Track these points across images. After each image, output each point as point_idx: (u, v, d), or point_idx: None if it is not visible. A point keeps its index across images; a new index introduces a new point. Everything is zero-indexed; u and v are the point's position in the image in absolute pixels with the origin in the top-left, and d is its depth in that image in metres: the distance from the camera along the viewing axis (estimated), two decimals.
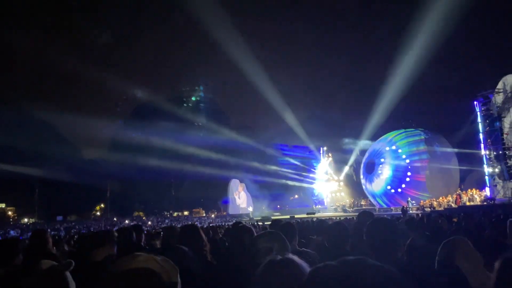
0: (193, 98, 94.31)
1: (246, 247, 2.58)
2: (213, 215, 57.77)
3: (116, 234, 3.71)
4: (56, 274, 1.79)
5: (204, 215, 60.25)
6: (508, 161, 28.64)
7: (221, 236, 8.46)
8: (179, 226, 4.93)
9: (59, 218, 56.64)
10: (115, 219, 52.70)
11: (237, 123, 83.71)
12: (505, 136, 29.12)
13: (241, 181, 58.52)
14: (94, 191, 60.77)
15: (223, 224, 24.01)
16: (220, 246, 5.72)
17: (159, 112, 76.98)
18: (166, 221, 47.67)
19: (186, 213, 67.21)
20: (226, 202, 58.77)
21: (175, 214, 66.77)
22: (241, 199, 57.68)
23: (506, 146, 28.88)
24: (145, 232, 11.18)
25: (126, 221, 44.72)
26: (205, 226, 16.34)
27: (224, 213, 58.74)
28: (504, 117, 29.37)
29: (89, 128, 77.03)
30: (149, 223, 45.17)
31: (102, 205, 70.67)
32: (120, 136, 79.84)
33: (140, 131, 75.54)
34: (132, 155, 66.73)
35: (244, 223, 4.98)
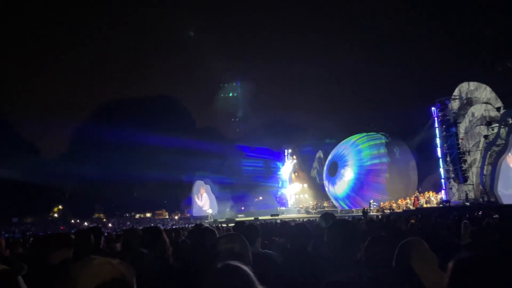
0: None
1: (207, 249, 2.56)
2: (176, 217, 57.04)
3: (73, 236, 3.58)
4: (8, 278, 1.72)
5: (167, 217, 59.38)
6: (462, 165, 29.92)
7: (184, 238, 8.37)
8: (141, 228, 4.83)
9: (15, 220, 54.31)
10: (73, 221, 51.04)
11: (202, 124, 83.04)
12: (460, 141, 30.43)
13: (205, 183, 58.11)
14: (52, 191, 58.60)
15: (186, 226, 23.74)
16: (182, 249, 5.65)
17: (123, 111, 75.25)
18: (128, 223, 46.71)
19: (148, 215, 65.95)
20: (189, 203, 58.26)
21: (137, 216, 65.41)
22: (203, 201, 57.27)
23: (461, 150, 30.18)
24: (106, 234, 10.89)
25: (86, 223, 43.44)
26: (168, 228, 16.10)
27: (188, 215, 58.14)
28: (460, 122, 30.69)
29: (48, 126, 74.19)
30: (110, 225, 44.12)
31: (60, 207, 68.29)
32: (81, 134, 77.34)
33: (102, 130, 73.44)
34: (94, 155, 64.86)
35: (208, 225, 4.95)
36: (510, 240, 5.10)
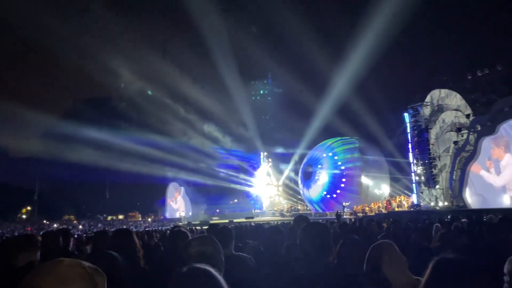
0: None
1: (179, 252, 2.52)
2: (149, 219, 56.25)
3: (40, 238, 3.47)
4: None
5: (140, 219, 58.47)
6: (433, 170, 30.71)
7: (156, 241, 8.26)
8: (112, 230, 4.73)
9: None
10: (44, 222, 49.62)
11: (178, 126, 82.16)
12: (431, 146, 31.24)
13: (179, 185, 57.60)
14: (21, 192, 56.82)
15: (159, 228, 23.46)
16: (154, 251, 5.57)
17: (96, 110, 73.65)
18: (99, 225, 45.78)
19: (121, 217, 64.76)
20: (163, 203, 57.63)
21: (109, 218, 64.12)
22: (178, 203, 56.78)
23: (432, 156, 30.98)
24: (76, 236, 10.62)
25: (55, 225, 42.32)
26: (140, 231, 15.85)
27: (162, 217, 57.46)
28: (431, 128, 31.50)
29: (16, 125, 71.86)
30: (80, 227, 43.14)
31: (29, 208, 66.28)
32: (52, 134, 75.27)
33: (74, 129, 71.63)
34: (65, 155, 63.22)
35: (181, 228, 4.89)
36: (478, 244, 5.25)
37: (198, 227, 18.84)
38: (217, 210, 55.98)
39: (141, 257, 3.28)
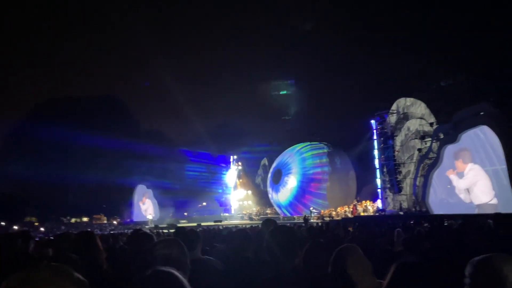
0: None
1: (144, 255, 2.48)
2: (115, 222, 54.95)
3: None
4: None
5: (105, 221, 57.01)
6: (397, 176, 31.53)
7: (122, 244, 8.09)
8: (74, 233, 4.60)
9: None
10: (1, 223, 47.57)
11: (147, 127, 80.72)
12: (396, 153, 32.07)
13: (147, 187, 56.64)
14: None
15: (125, 231, 22.96)
16: (118, 254, 5.44)
17: (59, 110, 71.35)
18: (62, 227, 44.43)
19: (85, 219, 62.86)
20: (129, 206, 56.49)
21: (73, 220, 62.13)
22: (146, 206, 55.80)
23: (397, 162, 31.81)
24: (37, 239, 10.26)
25: (15, 227, 40.70)
26: (105, 234, 15.47)
27: (128, 220, 56.23)
28: (396, 136, 32.35)
29: None
30: (42, 229, 41.73)
31: None
32: (13, 133, 72.46)
33: (37, 129, 69.21)
34: (27, 155, 60.98)
35: (147, 230, 4.80)
36: (439, 248, 5.41)
37: (165, 231, 18.57)
38: (185, 213, 55.33)
39: (104, 260, 3.20)
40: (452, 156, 25.44)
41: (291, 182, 40.81)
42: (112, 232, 22.82)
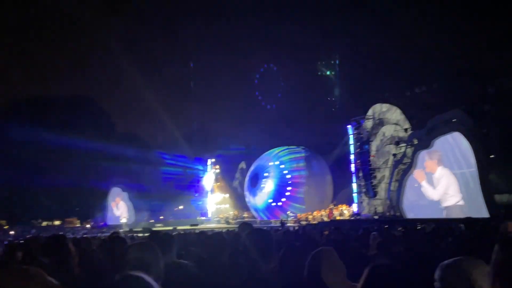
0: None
1: (116, 259, 2.43)
2: (88, 225, 53.78)
3: None
4: None
5: (78, 225, 55.70)
6: (373, 180, 32.01)
7: (94, 248, 7.92)
8: (45, 236, 4.48)
9: None
10: None
11: (122, 129, 79.36)
12: (371, 158, 32.57)
13: (122, 190, 55.69)
14: None
15: (98, 235, 22.53)
16: (90, 258, 5.32)
17: (30, 110, 69.26)
18: (33, 231, 43.17)
19: (57, 222, 61.20)
20: (103, 209, 55.40)
21: (45, 223, 60.42)
22: (120, 209, 54.85)
23: (372, 167, 32.30)
24: (6, 243, 9.94)
25: None
26: (78, 237, 15.09)
27: (102, 223, 55.13)
28: (372, 141, 32.86)
29: None
30: (12, 232, 40.52)
31: None
32: None
33: (5, 129, 67.04)
34: None
35: (120, 234, 4.72)
36: (412, 251, 5.52)
37: (140, 234, 18.31)
38: (161, 217, 54.62)
39: (75, 263, 3.12)
40: (424, 158, 26.23)
41: (268, 186, 40.88)
42: (85, 235, 22.32)
